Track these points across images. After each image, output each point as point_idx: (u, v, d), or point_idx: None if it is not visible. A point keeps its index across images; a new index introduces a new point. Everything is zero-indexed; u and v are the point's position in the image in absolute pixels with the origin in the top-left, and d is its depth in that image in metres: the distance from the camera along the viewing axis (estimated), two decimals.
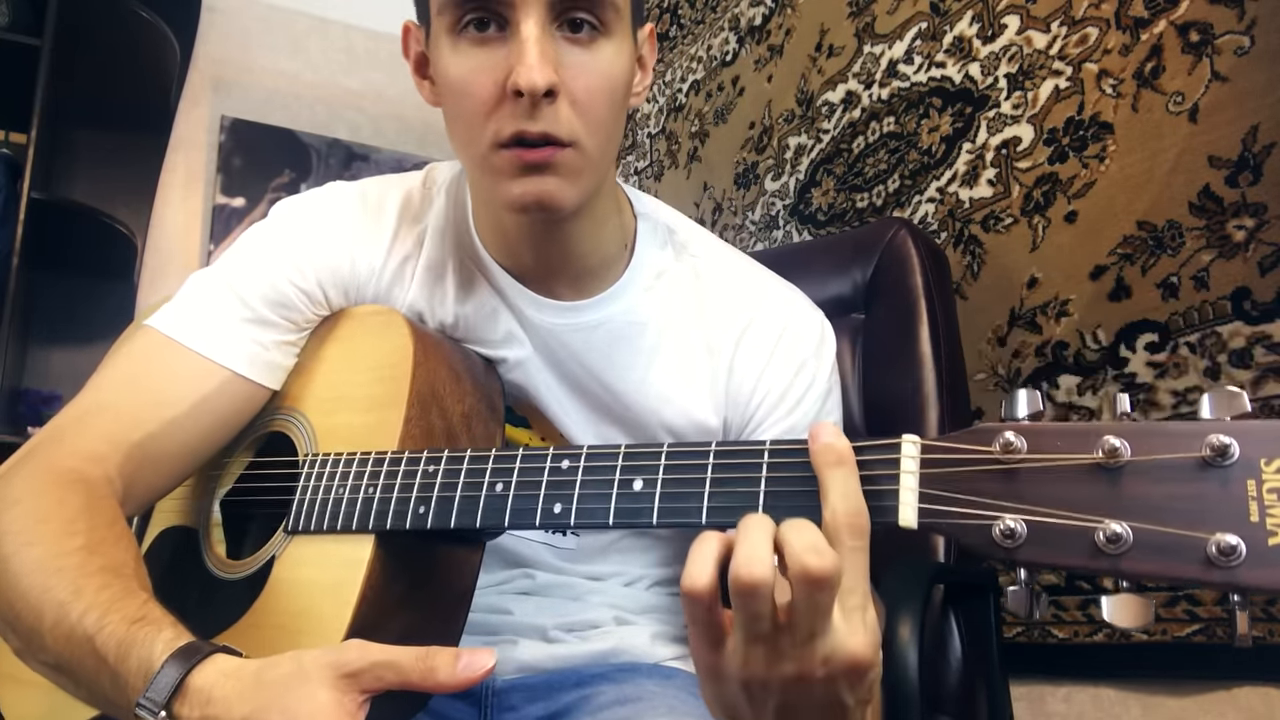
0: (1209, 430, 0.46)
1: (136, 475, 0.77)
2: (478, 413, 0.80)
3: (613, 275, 0.85)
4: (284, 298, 0.83)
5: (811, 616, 0.49)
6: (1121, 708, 1.16)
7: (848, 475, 0.52)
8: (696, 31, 2.27)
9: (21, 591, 0.67)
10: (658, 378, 0.85)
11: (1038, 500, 0.49)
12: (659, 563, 0.91)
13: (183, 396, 0.79)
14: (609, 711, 0.79)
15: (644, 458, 0.61)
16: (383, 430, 0.75)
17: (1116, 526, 0.46)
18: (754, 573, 0.48)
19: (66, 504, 0.71)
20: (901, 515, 0.52)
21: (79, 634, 0.64)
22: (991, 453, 0.50)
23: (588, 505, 0.62)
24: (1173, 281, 1.12)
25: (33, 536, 0.69)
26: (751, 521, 0.51)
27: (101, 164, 2.47)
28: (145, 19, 2.29)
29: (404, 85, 2.81)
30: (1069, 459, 0.48)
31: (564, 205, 0.74)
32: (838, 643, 0.50)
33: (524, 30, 0.70)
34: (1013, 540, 0.48)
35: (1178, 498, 0.46)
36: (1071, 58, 1.27)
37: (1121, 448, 0.47)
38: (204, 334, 0.81)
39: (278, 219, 0.87)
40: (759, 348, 0.85)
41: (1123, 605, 0.49)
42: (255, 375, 0.82)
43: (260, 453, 0.88)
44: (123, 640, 0.63)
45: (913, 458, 0.52)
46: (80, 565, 0.67)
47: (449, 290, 0.86)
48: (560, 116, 0.71)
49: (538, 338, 0.84)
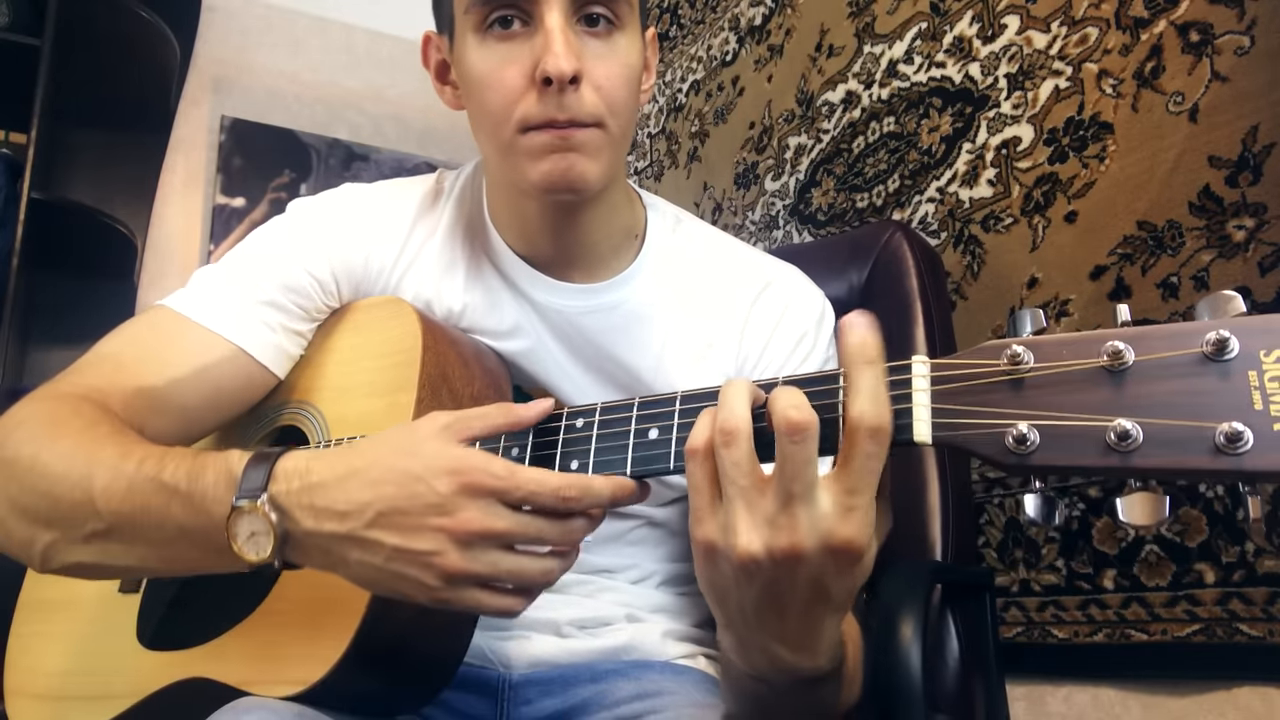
0: (1208, 328, 0.47)
1: (137, 420, 0.78)
2: (486, 397, 0.81)
3: (623, 262, 0.89)
4: (298, 284, 0.86)
5: (792, 471, 0.50)
6: (1121, 708, 1.16)
7: (877, 376, 0.52)
8: (696, 31, 2.27)
9: (58, 475, 0.68)
10: (672, 354, 0.88)
11: (1047, 406, 0.50)
12: (669, 558, 0.92)
13: (186, 361, 0.81)
14: (628, 706, 0.80)
15: (659, 405, 0.63)
16: (394, 413, 0.76)
17: (1126, 424, 0.47)
18: (731, 420, 0.53)
19: (83, 413, 0.73)
20: (916, 431, 0.52)
21: (140, 479, 0.66)
22: (999, 365, 0.51)
23: (605, 458, 0.63)
24: (1173, 281, 1.12)
25: (58, 433, 0.70)
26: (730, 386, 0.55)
27: (101, 164, 2.47)
28: (145, 19, 2.29)
29: (404, 85, 2.84)
30: (1075, 364, 0.49)
31: (589, 183, 0.78)
32: (833, 524, 0.51)
33: (548, 22, 0.75)
34: (1025, 446, 0.49)
35: (1182, 393, 0.47)
36: (1071, 58, 1.27)
37: (1125, 350, 0.48)
38: (214, 310, 0.83)
39: (294, 215, 0.91)
40: (765, 321, 0.89)
41: (1136, 503, 0.49)
42: (260, 355, 0.84)
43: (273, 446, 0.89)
44: (192, 467, 0.65)
45: (923, 376, 0.53)
46: (117, 437, 0.70)
47: (458, 279, 0.89)
48: (585, 100, 0.76)
49: (551, 322, 0.88)
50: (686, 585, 0.93)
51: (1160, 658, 1.11)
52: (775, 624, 0.55)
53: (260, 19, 2.76)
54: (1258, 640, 1.01)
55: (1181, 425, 0.46)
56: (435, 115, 2.83)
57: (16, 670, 0.92)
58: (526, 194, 0.82)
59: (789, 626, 0.55)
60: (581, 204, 0.83)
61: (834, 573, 0.52)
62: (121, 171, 2.49)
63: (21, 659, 0.92)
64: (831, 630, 0.57)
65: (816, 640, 0.56)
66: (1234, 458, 0.45)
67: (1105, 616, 1.16)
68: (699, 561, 0.56)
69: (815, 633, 0.56)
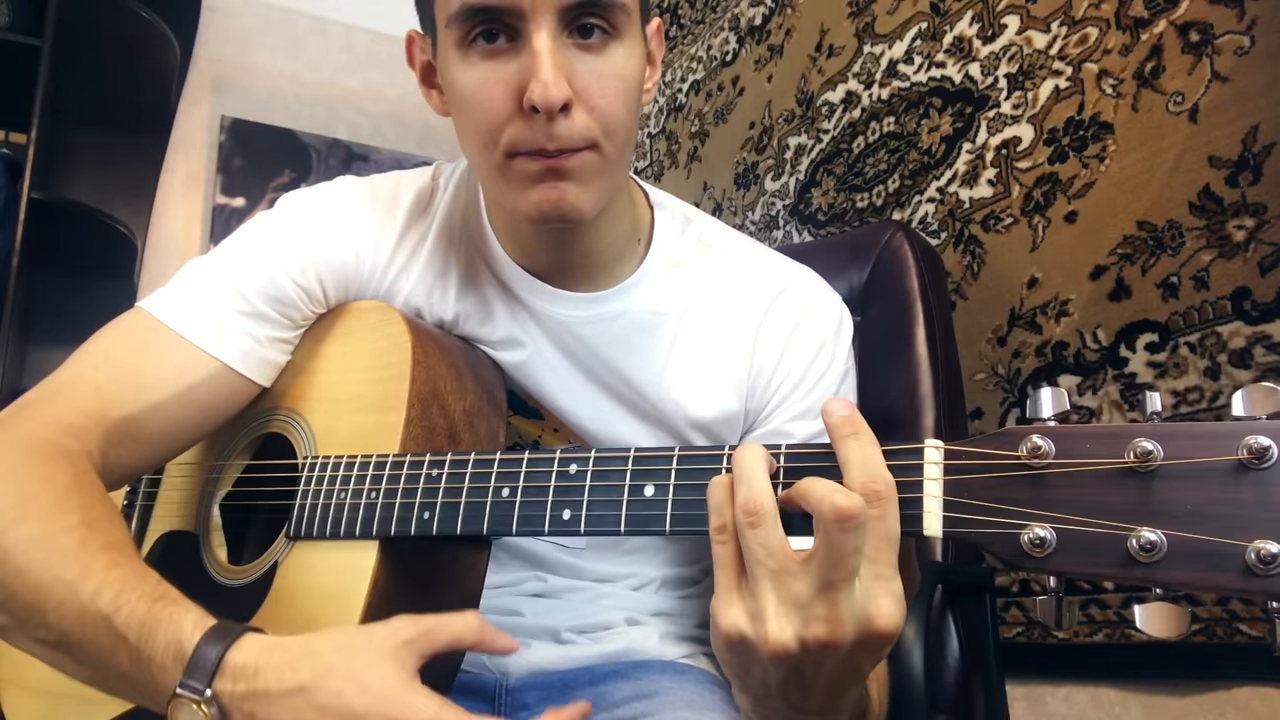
0: (1246, 431, 0.44)
1: (115, 453, 0.75)
2: (479, 409, 0.79)
3: (627, 268, 0.85)
4: (282, 294, 0.82)
5: (836, 558, 0.48)
6: (1121, 708, 1.16)
7: (865, 444, 0.51)
8: (696, 31, 2.27)
9: (16, 570, 0.64)
10: (677, 366, 0.84)
11: (1067, 507, 0.47)
12: (669, 563, 0.91)
13: (168, 381, 0.77)
14: (626, 707, 0.79)
15: (655, 462, 0.60)
16: (383, 432, 0.74)
17: (1150, 534, 0.44)
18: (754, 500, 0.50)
19: (53, 481, 0.68)
20: (926, 524, 0.50)
21: (91, 612, 0.62)
22: (1018, 457, 0.48)
23: (598, 512, 0.61)
24: (1173, 281, 1.11)
25: (23, 513, 0.66)
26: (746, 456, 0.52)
27: (101, 164, 2.46)
28: (145, 19, 2.29)
29: (404, 85, 2.83)
30: (1099, 464, 0.46)
31: (582, 213, 0.73)
32: (871, 609, 0.49)
33: (536, 42, 0.68)
34: (1042, 549, 0.47)
35: (1214, 503, 0.44)
36: (1071, 58, 1.27)
37: (1154, 450, 0.45)
38: (196, 322, 0.79)
39: (283, 211, 0.86)
40: (780, 330, 0.85)
41: (1157, 614, 0.47)
42: (245, 369, 0.81)
43: (258, 454, 0.87)
44: (145, 619, 0.61)
45: (936, 464, 0.51)
46: (82, 543, 0.65)
47: (451, 287, 0.85)
48: (576, 126, 0.70)
49: (550, 332, 0.84)
50: (686, 589, 0.92)
51: (1160, 658, 1.11)
52: (799, 698, 0.54)
53: (260, 19, 2.75)
54: (1258, 640, 1.01)
55: (1211, 541, 0.43)
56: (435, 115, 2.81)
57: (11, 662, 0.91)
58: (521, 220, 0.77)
59: (815, 700, 0.54)
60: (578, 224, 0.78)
61: (866, 655, 0.51)
62: (121, 171, 2.49)
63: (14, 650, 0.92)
64: (855, 694, 0.56)
65: (839, 705, 0.55)
66: (1267, 579, 0.42)
67: (1105, 616, 1.16)
68: (722, 648, 0.53)
69: (840, 702, 0.55)
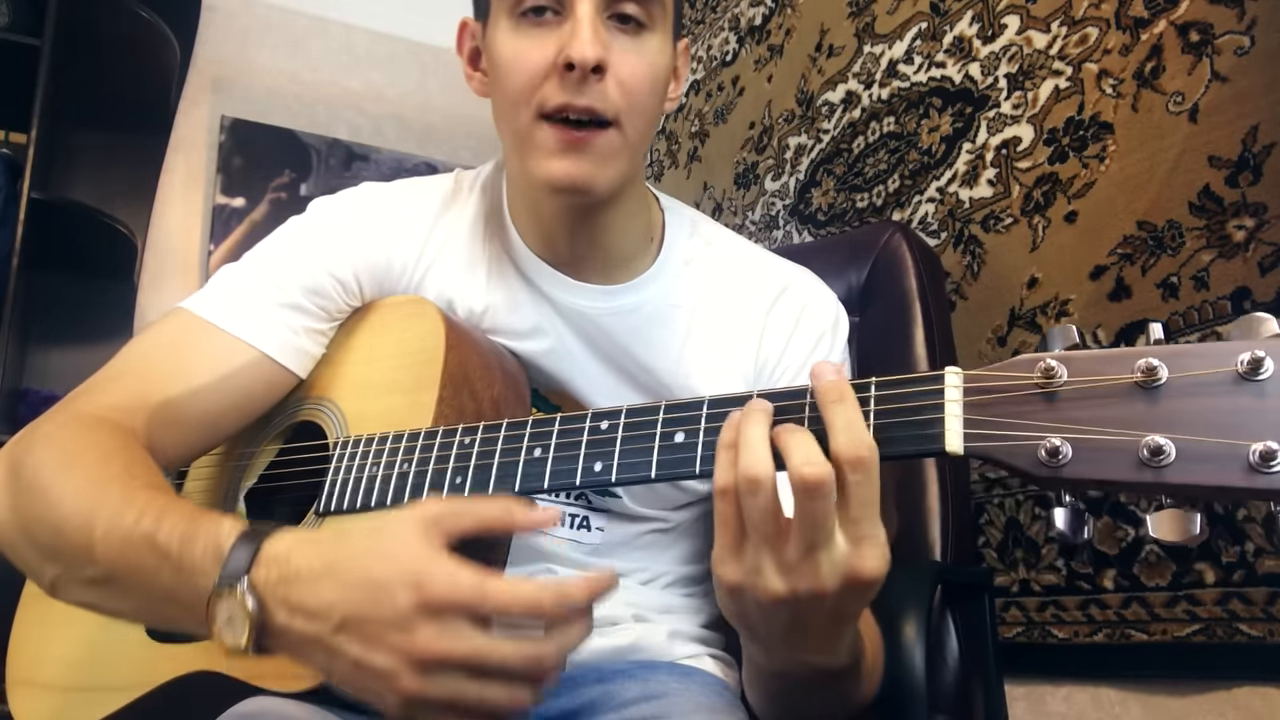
0: (1243, 348, 0.47)
1: (160, 435, 0.79)
2: (505, 399, 0.82)
3: (640, 265, 0.90)
4: (319, 286, 0.86)
5: (812, 524, 0.54)
6: (1121, 708, 1.16)
7: (849, 410, 0.55)
8: (697, 31, 2.27)
9: (65, 514, 0.68)
10: (692, 356, 0.89)
11: (1080, 420, 0.50)
12: (680, 560, 0.92)
13: (208, 369, 0.81)
14: (635, 707, 0.79)
15: (685, 409, 0.63)
16: (416, 412, 0.76)
17: (1159, 439, 0.47)
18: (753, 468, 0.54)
19: (100, 444, 0.73)
20: (948, 442, 0.53)
21: (136, 535, 0.65)
22: (1032, 379, 0.52)
23: (629, 460, 0.63)
24: (1173, 281, 1.11)
25: (71, 465, 0.71)
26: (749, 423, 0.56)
27: (101, 164, 2.46)
28: (145, 19, 2.29)
29: (404, 85, 2.84)
30: (1109, 380, 0.50)
31: (598, 188, 0.79)
32: (850, 563, 0.55)
33: (579, 11, 0.76)
34: (1058, 459, 0.50)
35: (1216, 411, 0.47)
36: (1071, 58, 1.27)
37: (1159, 367, 0.48)
38: (235, 314, 0.83)
39: (316, 214, 0.91)
40: (784, 323, 0.90)
41: (1168, 520, 0.50)
42: (283, 359, 0.84)
43: (289, 442, 0.89)
44: (185, 532, 0.64)
45: (956, 387, 0.54)
46: (125, 481, 0.69)
47: (479, 280, 0.89)
48: (607, 93, 0.76)
49: (572, 322, 0.88)
50: (694, 587, 0.93)
51: (1160, 658, 1.11)
52: (799, 640, 0.61)
53: (260, 19, 2.75)
54: (1258, 640, 1.01)
55: (1215, 443, 0.47)
56: (435, 115, 2.83)
57: (20, 659, 0.92)
58: (540, 190, 0.82)
59: (812, 641, 0.61)
60: (597, 206, 0.83)
61: (854, 599, 0.57)
62: (122, 172, 2.49)
63: (25, 648, 0.92)
64: (850, 633, 0.63)
65: (837, 645, 0.62)
66: (1269, 476, 0.45)
67: (1105, 616, 1.16)
68: (724, 596, 0.60)
69: (836, 640, 0.62)
